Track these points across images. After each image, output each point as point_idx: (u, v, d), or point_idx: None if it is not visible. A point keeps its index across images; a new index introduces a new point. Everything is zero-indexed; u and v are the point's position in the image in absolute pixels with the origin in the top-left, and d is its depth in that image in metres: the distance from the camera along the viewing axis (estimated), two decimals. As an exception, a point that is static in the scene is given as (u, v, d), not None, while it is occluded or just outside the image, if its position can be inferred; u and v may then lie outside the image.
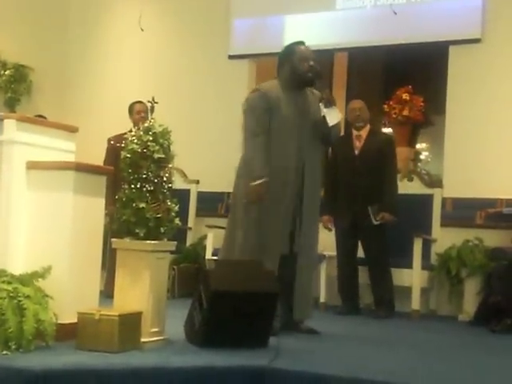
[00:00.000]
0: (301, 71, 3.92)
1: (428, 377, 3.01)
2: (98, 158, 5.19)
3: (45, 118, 5.40)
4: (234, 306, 3.27)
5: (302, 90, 3.98)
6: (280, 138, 3.88)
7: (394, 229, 5.14)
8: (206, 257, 5.64)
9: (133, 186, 3.34)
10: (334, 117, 3.91)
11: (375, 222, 5.08)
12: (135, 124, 5.39)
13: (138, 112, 5.54)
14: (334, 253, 5.33)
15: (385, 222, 5.10)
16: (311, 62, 3.92)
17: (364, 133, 5.31)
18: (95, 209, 3.46)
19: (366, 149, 5.24)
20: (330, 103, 3.91)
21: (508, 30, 5.64)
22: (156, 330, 3.30)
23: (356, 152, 5.26)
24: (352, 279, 5.29)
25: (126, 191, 3.35)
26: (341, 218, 5.19)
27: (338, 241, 5.27)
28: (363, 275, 5.30)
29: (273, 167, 3.85)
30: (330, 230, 5.25)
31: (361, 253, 5.30)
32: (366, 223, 5.11)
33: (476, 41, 5.71)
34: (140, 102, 5.47)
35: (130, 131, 3.73)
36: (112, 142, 5.46)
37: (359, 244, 5.29)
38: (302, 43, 4.03)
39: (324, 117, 3.90)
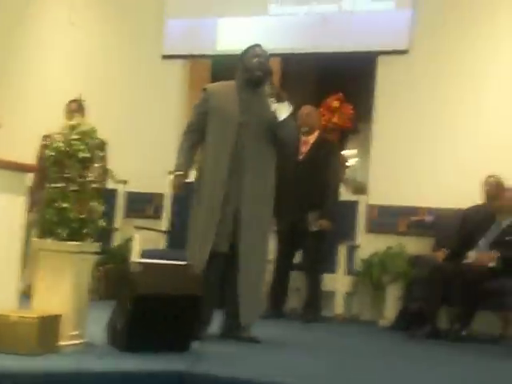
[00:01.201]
0: (249, 68, 3.91)
1: (343, 382, 3.06)
2: (26, 155, 5.04)
3: None
4: (156, 309, 3.25)
5: (257, 89, 3.95)
6: (216, 138, 3.88)
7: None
8: (132, 258, 5.57)
9: (56, 185, 3.27)
10: (283, 112, 3.89)
11: (313, 229, 5.10)
12: (69, 122, 5.32)
13: (72, 111, 5.46)
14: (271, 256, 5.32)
15: (322, 229, 5.13)
16: (261, 60, 3.92)
17: (311, 139, 5.34)
18: (15, 207, 3.35)
19: (309, 155, 5.28)
20: (280, 98, 3.90)
21: (434, 42, 5.83)
22: (76, 333, 3.23)
23: (300, 157, 5.28)
24: (285, 284, 5.32)
25: (50, 190, 3.28)
26: (281, 222, 5.18)
27: (278, 245, 5.26)
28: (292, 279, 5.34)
29: (205, 164, 3.89)
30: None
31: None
32: (303, 229, 5.13)
33: (403, 52, 5.87)
34: (75, 100, 5.41)
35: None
36: (44, 141, 5.35)
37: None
38: (257, 45, 4.03)
39: (274, 113, 3.87)
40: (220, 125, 3.89)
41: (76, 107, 5.40)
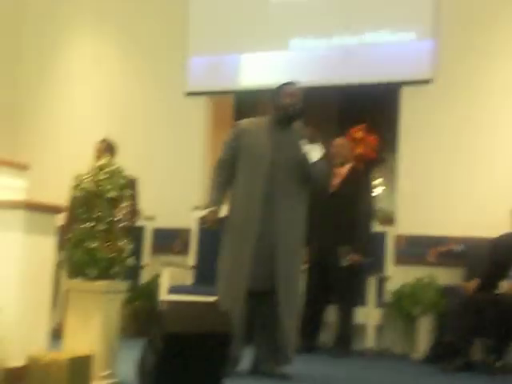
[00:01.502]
0: (281, 107, 3.91)
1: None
2: (59, 195, 5.08)
3: None
4: (186, 348, 3.22)
5: (288, 126, 3.95)
6: (248, 175, 3.89)
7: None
8: (161, 295, 5.56)
9: (85, 226, 3.30)
10: (316, 153, 3.88)
11: (343, 264, 5.05)
12: (98, 162, 5.42)
13: (100, 151, 5.54)
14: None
15: (354, 263, 5.06)
16: (294, 99, 3.91)
17: (343, 171, 5.31)
18: (45, 248, 3.38)
19: (342, 188, 5.23)
20: (312, 139, 3.88)
21: (458, 71, 5.81)
22: (107, 372, 3.23)
23: (332, 190, 5.23)
24: (319, 318, 5.24)
25: (78, 231, 3.31)
26: (312, 255, 5.11)
27: (309, 278, 5.17)
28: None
29: (236, 201, 3.90)
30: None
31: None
32: (334, 263, 5.06)
33: (427, 81, 5.86)
34: (104, 140, 5.52)
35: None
36: (74, 181, 5.42)
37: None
38: (291, 83, 4.02)
39: (306, 154, 3.86)
40: (251, 162, 3.89)
41: (105, 147, 5.48)
